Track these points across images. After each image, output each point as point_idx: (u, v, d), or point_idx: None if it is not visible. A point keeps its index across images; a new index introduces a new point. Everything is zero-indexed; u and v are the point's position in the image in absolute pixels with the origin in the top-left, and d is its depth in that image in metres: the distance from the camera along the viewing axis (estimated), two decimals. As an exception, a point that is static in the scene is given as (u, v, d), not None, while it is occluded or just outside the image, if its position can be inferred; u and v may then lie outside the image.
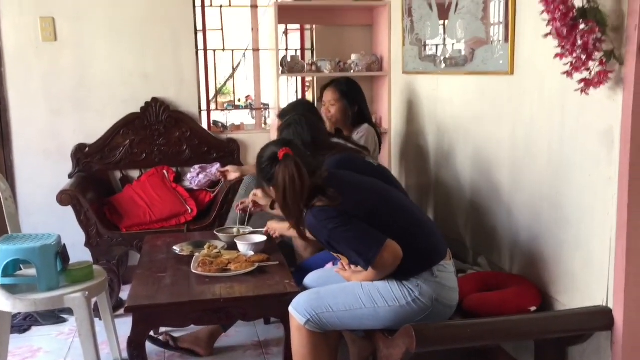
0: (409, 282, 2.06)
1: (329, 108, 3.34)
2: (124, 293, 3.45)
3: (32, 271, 2.43)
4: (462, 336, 1.97)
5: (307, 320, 2.10)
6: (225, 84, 6.00)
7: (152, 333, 2.79)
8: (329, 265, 2.46)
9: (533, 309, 2.23)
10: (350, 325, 2.15)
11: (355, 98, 3.37)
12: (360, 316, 2.09)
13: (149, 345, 2.28)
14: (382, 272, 2.05)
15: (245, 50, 4.54)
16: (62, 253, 2.45)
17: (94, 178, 3.71)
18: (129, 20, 3.75)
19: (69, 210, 3.30)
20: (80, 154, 3.74)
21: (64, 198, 3.26)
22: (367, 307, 2.08)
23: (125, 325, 3.08)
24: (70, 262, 2.52)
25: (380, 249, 1.98)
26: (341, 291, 2.14)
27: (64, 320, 3.30)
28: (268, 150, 2.16)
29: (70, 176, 3.71)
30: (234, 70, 4.60)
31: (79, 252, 3.10)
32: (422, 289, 2.05)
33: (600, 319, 2.02)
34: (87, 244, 3.34)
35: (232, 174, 3.36)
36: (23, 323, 3.24)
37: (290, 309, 2.15)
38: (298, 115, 2.71)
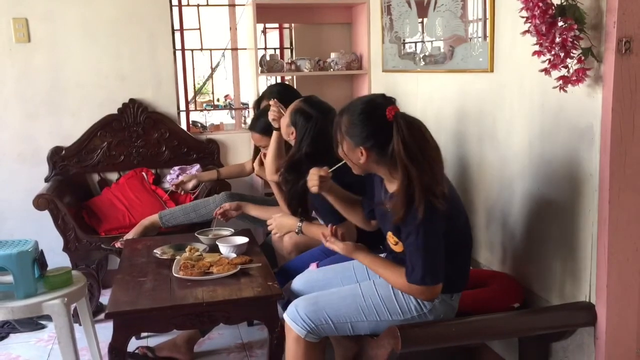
0: None
1: None
2: (104, 297, 3.40)
3: (8, 278, 2.37)
4: (447, 335, 1.97)
5: (307, 332, 2.03)
6: (204, 84, 5.95)
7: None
8: (313, 267, 2.44)
9: (516, 305, 2.24)
10: (345, 333, 2.10)
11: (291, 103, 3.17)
12: (360, 328, 2.05)
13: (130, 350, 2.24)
14: (406, 291, 1.94)
15: (224, 49, 4.50)
16: (39, 259, 2.40)
17: (71, 181, 3.65)
18: (104, 20, 3.69)
19: (46, 214, 3.24)
20: (57, 157, 3.67)
21: (40, 202, 3.20)
22: (368, 320, 2.03)
23: (105, 330, 3.03)
24: (49, 268, 2.47)
25: (433, 284, 1.85)
26: (341, 300, 2.06)
27: (43, 327, 3.24)
28: (374, 104, 1.95)
29: (46, 180, 3.64)
30: (213, 70, 4.56)
31: (57, 257, 3.05)
32: (434, 307, 1.99)
33: (583, 315, 2.03)
34: (65, 248, 3.28)
35: (189, 183, 3.34)
36: (0, 330, 3.18)
37: (287, 319, 2.08)
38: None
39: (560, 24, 1.88)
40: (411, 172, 1.81)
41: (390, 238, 2.02)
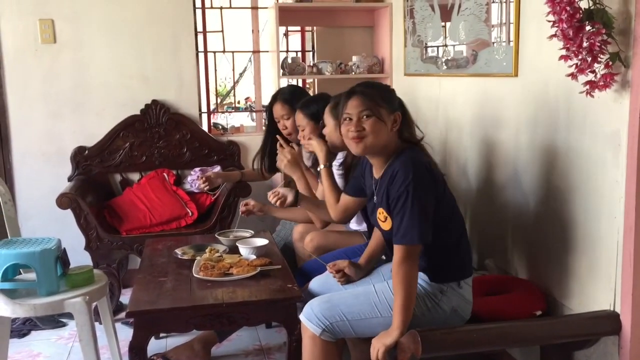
0: (432, 287, 2.03)
1: (284, 123, 3.07)
2: (124, 297, 3.43)
3: (32, 275, 2.41)
4: (467, 341, 1.95)
5: (322, 330, 2.04)
6: (232, 89, 5.97)
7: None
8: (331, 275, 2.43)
9: (539, 313, 2.21)
10: (362, 334, 2.10)
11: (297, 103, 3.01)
12: (375, 325, 2.04)
13: (149, 350, 2.25)
14: (396, 260, 1.94)
15: (246, 52, 4.52)
16: (62, 257, 2.43)
17: (94, 181, 3.69)
18: (129, 21, 3.73)
19: (68, 213, 3.27)
20: (80, 156, 3.71)
21: (63, 201, 3.23)
22: (383, 316, 2.03)
23: (125, 330, 3.07)
24: (70, 267, 2.49)
25: (417, 242, 1.89)
26: (355, 299, 2.08)
27: (64, 325, 3.27)
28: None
29: (69, 179, 3.68)
30: (240, 74, 4.59)
31: (79, 256, 3.08)
32: (444, 296, 2.02)
33: (607, 323, 2.00)
34: (87, 247, 3.32)
35: (215, 180, 3.33)
36: (22, 327, 3.22)
37: (303, 318, 2.10)
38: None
39: (587, 28, 1.85)
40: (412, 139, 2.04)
41: (380, 214, 2.06)
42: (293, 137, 3.07)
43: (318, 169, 2.66)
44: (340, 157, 2.73)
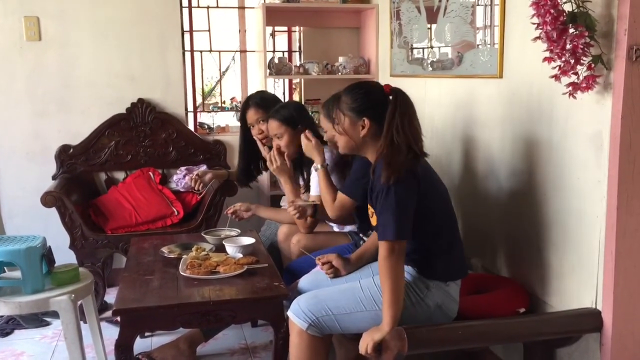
0: (418, 282, 2.06)
1: (259, 128, 3.11)
2: (109, 296, 3.42)
3: (16, 273, 2.40)
4: (453, 338, 1.97)
5: (308, 325, 2.07)
6: (214, 87, 5.96)
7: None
8: (319, 267, 2.45)
9: (522, 310, 2.24)
10: (348, 329, 2.13)
11: (270, 107, 3.01)
12: (360, 319, 2.07)
13: (135, 349, 2.25)
14: (385, 257, 1.96)
15: (233, 52, 4.52)
16: (47, 255, 2.42)
17: (79, 179, 3.67)
18: (115, 20, 3.71)
19: (53, 212, 3.26)
20: (65, 155, 3.69)
21: (48, 199, 3.21)
22: (367, 309, 2.06)
23: (110, 328, 3.06)
24: (56, 265, 2.48)
25: (396, 239, 1.93)
26: (341, 294, 2.12)
27: (48, 323, 3.25)
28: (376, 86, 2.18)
29: (54, 178, 3.66)
30: (223, 73, 4.58)
31: (63, 255, 3.06)
32: (429, 292, 2.06)
33: (589, 321, 2.04)
34: (72, 246, 3.30)
35: (205, 177, 3.34)
36: (5, 326, 3.19)
37: (290, 314, 2.12)
38: None
39: (571, 30, 1.89)
40: (392, 137, 2.02)
41: (369, 210, 2.14)
42: (269, 141, 3.07)
43: (313, 168, 2.69)
44: (328, 156, 2.75)
